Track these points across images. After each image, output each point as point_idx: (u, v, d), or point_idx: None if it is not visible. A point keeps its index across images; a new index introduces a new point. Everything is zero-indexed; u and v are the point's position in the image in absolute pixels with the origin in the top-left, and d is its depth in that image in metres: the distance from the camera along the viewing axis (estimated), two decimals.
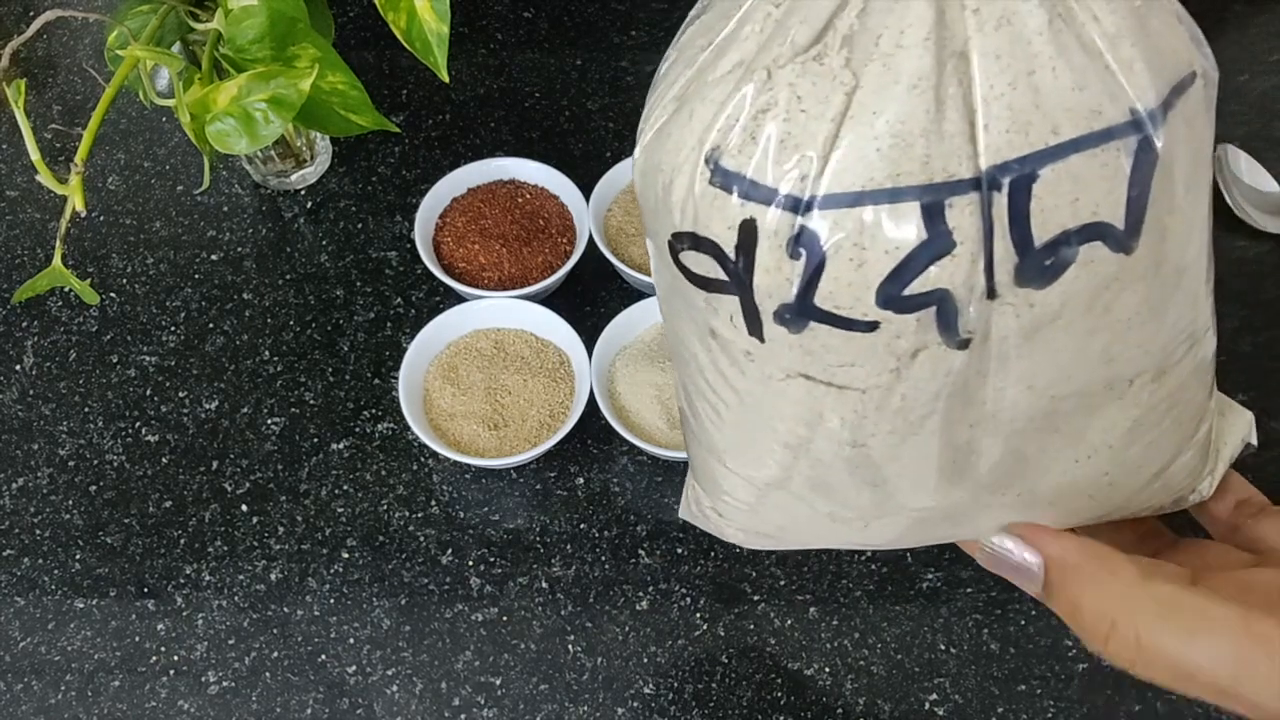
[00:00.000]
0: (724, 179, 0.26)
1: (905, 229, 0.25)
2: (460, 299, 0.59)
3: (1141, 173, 0.25)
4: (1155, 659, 0.25)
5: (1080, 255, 0.25)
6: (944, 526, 0.32)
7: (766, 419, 0.30)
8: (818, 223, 0.25)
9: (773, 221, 0.26)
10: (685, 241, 0.28)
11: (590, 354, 0.54)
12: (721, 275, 0.28)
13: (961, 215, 0.25)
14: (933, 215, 0.25)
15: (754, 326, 0.28)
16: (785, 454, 0.31)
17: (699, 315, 0.30)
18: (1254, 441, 0.34)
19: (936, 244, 0.25)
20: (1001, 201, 0.25)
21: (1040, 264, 0.25)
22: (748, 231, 0.26)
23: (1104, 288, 0.26)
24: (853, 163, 0.25)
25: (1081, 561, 0.27)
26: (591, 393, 0.53)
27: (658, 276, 0.32)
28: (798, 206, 0.25)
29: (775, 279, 0.26)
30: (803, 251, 0.26)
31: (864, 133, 0.25)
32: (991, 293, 0.26)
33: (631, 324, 0.56)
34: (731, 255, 0.27)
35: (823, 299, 0.26)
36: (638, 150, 0.29)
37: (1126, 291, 0.27)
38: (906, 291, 0.26)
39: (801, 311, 0.27)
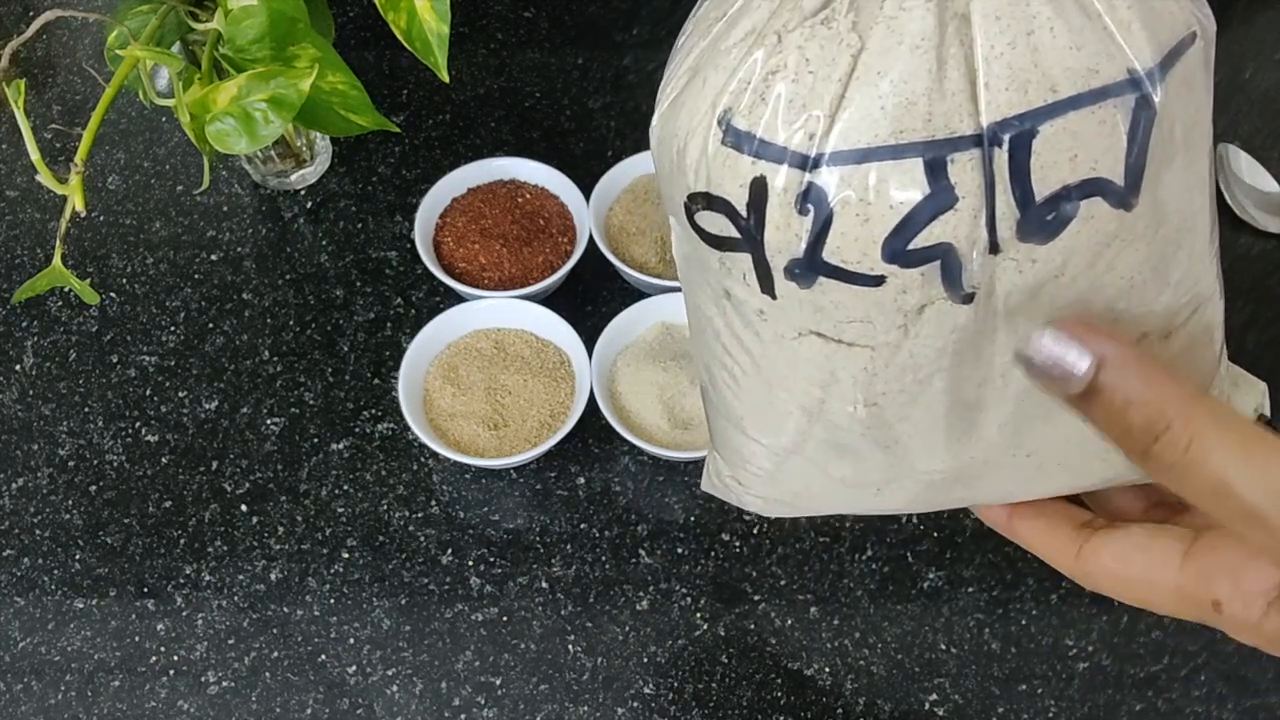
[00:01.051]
0: (735, 139, 0.27)
1: (909, 184, 0.26)
2: (460, 299, 0.59)
3: (1139, 130, 0.26)
4: (1197, 468, 0.25)
5: (1081, 211, 0.26)
6: (956, 490, 0.33)
7: (781, 380, 0.31)
8: (825, 179, 0.26)
9: (782, 178, 0.27)
10: (700, 202, 0.29)
11: (590, 354, 0.54)
12: (734, 233, 0.28)
13: (963, 171, 0.26)
14: (935, 171, 0.26)
15: (766, 284, 0.29)
16: (800, 416, 0.31)
17: (714, 278, 0.30)
18: (1267, 412, 0.34)
19: (939, 199, 0.26)
20: (1003, 157, 0.25)
21: (1042, 219, 0.26)
22: (758, 189, 0.27)
23: (1105, 244, 0.27)
24: (858, 121, 0.26)
25: (1139, 362, 0.26)
26: (592, 393, 0.53)
27: (676, 245, 0.33)
28: (806, 164, 0.26)
29: (785, 235, 0.27)
30: (811, 208, 0.27)
31: (869, 92, 0.26)
32: (995, 248, 0.26)
33: (632, 324, 0.56)
34: (743, 213, 0.28)
35: (831, 254, 0.27)
36: (655, 119, 0.30)
37: (1128, 249, 0.27)
38: (911, 246, 0.26)
39: (810, 266, 0.27)
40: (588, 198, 0.59)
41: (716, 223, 0.29)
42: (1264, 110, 0.66)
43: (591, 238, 0.58)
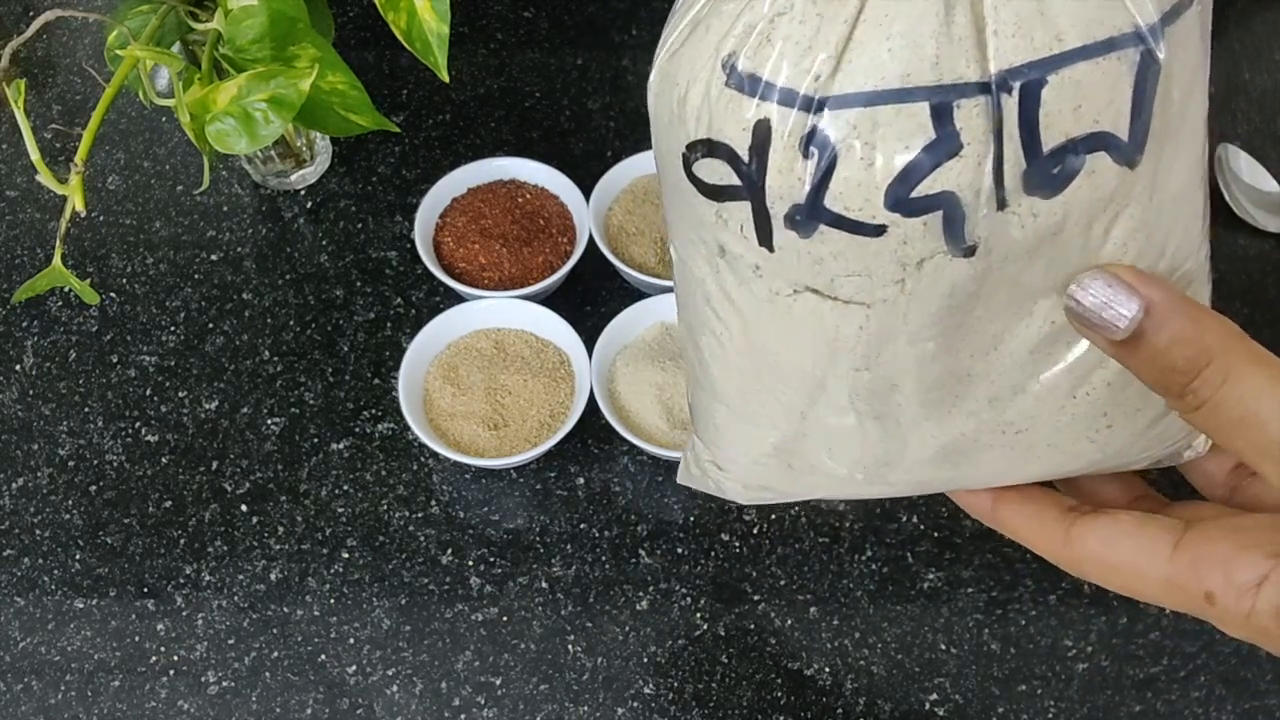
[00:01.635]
0: (739, 81, 0.27)
1: (914, 130, 0.26)
2: (460, 299, 0.59)
3: (1144, 85, 0.26)
4: (1228, 402, 0.26)
5: (1085, 165, 0.26)
6: (944, 470, 0.32)
7: (772, 344, 0.31)
8: (829, 122, 0.26)
9: (786, 121, 0.27)
10: (699, 150, 0.29)
11: (590, 354, 0.54)
12: (734, 181, 0.28)
13: (969, 117, 0.26)
14: (941, 116, 0.26)
15: (764, 234, 0.28)
16: (790, 383, 0.31)
17: (709, 233, 0.30)
18: None
19: (944, 145, 0.26)
20: (1011, 106, 0.25)
21: (1048, 171, 0.26)
22: (761, 132, 0.27)
23: (1105, 203, 0.27)
24: (865, 64, 0.26)
25: (1185, 303, 0.27)
26: (591, 393, 0.53)
27: (669, 206, 0.32)
28: (810, 106, 0.26)
29: (787, 179, 0.27)
30: (815, 151, 0.26)
31: (876, 35, 0.26)
32: (1001, 202, 0.26)
33: (631, 324, 0.56)
34: (745, 157, 0.27)
35: (833, 200, 0.27)
36: (653, 73, 0.30)
37: (1124, 213, 0.27)
38: (914, 194, 0.26)
39: (812, 213, 0.27)
40: (588, 198, 0.59)
41: (716, 171, 0.28)
42: (1263, 110, 0.66)
43: (591, 238, 0.58)
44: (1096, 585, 0.52)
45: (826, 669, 0.50)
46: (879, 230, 0.27)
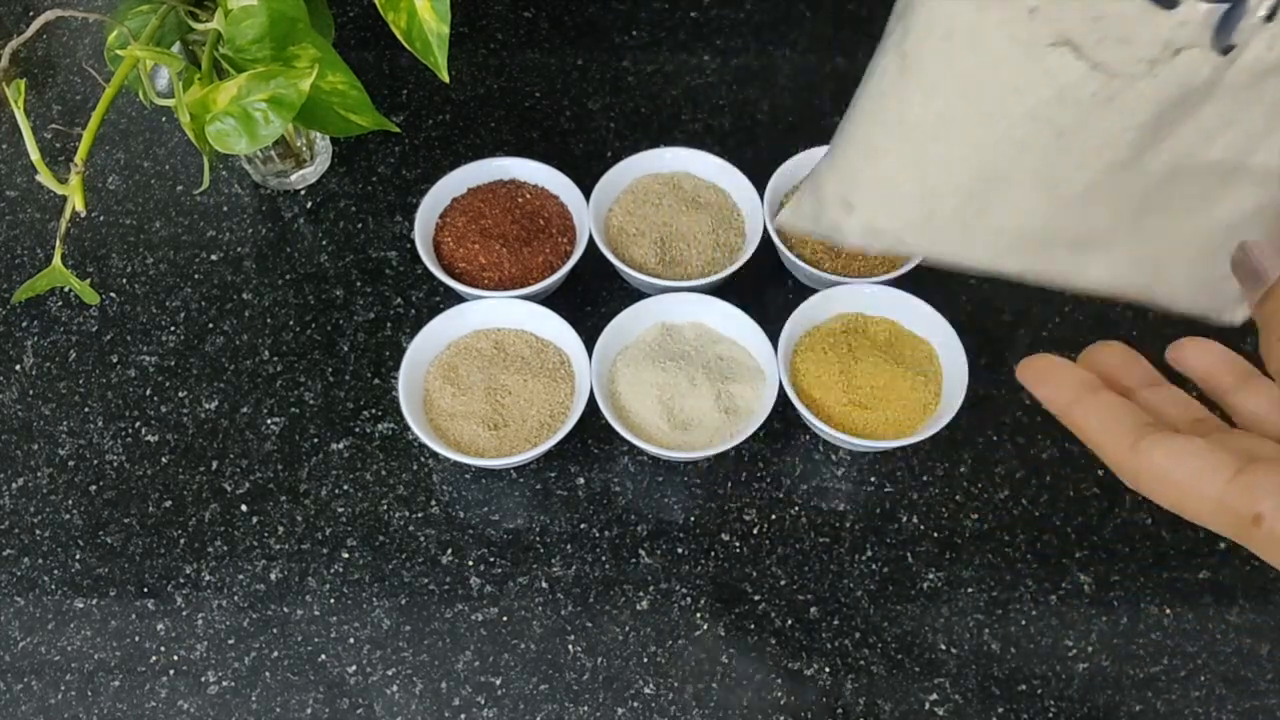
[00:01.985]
0: None
1: None
2: (460, 299, 0.59)
3: None
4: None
5: None
6: (1065, 257, 0.35)
7: (1001, 89, 0.32)
8: None
9: None
10: None
11: (590, 354, 0.54)
12: None
13: None
14: None
15: None
16: (987, 129, 0.33)
17: None
18: None
19: None
20: None
21: None
22: None
23: None
24: None
25: None
26: (591, 393, 0.53)
27: None
28: None
29: None
30: None
31: None
32: (1272, 14, 0.28)
33: (631, 324, 0.56)
34: None
35: None
36: None
37: None
38: None
39: None
40: (587, 198, 0.59)
41: None
42: None
43: (591, 238, 0.58)
44: (1097, 585, 0.52)
45: (826, 669, 0.50)
46: (1172, 3, 0.29)
